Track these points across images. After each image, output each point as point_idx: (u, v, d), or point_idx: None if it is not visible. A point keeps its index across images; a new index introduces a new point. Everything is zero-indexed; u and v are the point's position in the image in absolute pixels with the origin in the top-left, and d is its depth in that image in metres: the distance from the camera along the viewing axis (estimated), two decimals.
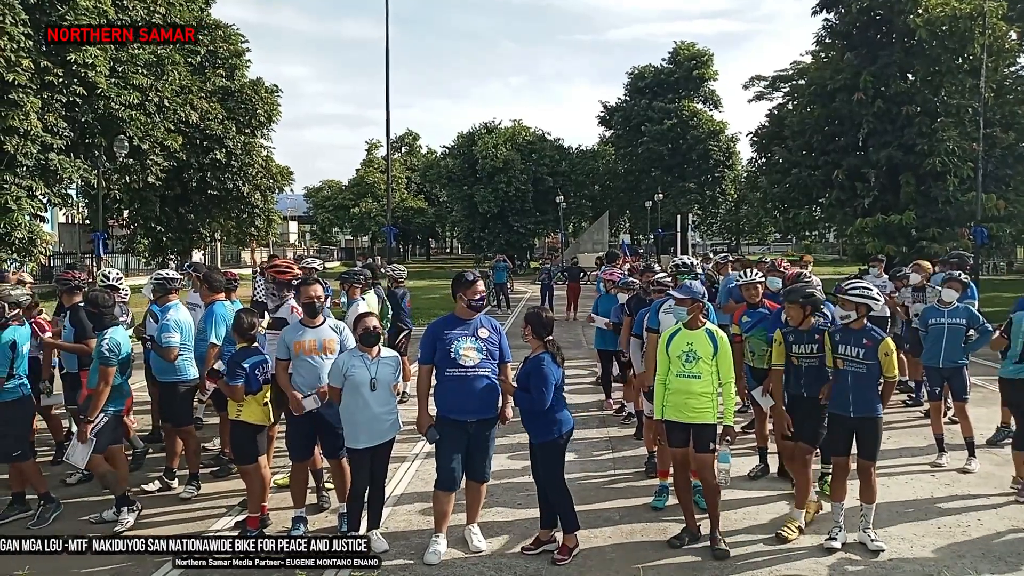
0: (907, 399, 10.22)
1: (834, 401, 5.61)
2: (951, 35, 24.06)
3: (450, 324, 5.45)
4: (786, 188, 28.47)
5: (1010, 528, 5.87)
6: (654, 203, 48.04)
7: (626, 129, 53.45)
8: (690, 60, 52.84)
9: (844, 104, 25.54)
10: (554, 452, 5.46)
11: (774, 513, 6.24)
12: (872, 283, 11.14)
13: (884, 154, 24.58)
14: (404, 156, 75.18)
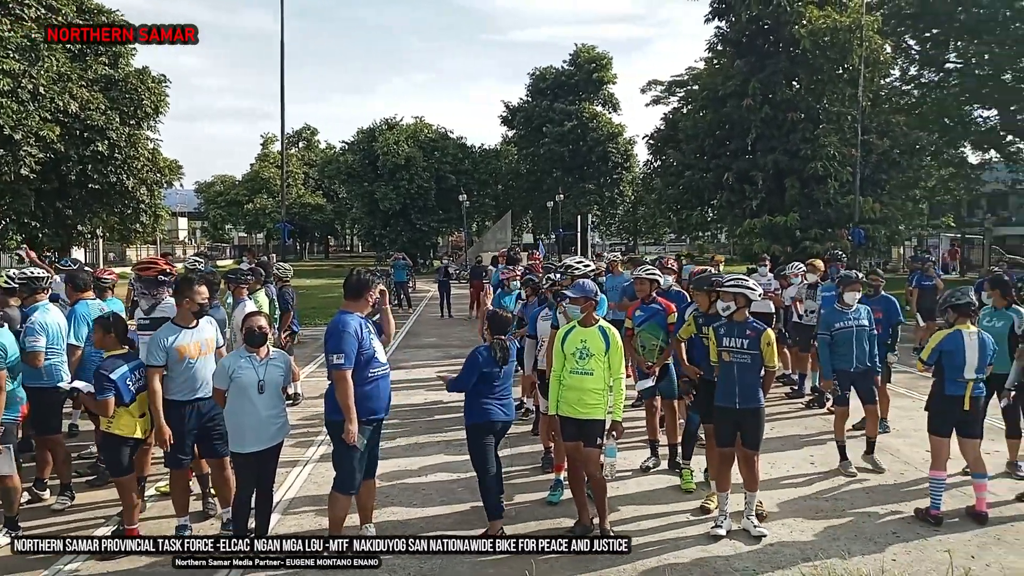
0: (790, 391, 10.72)
1: (720, 393, 5.81)
2: (832, 46, 25.45)
3: (360, 323, 5.27)
4: (679, 190, 29.43)
5: (881, 511, 6.23)
6: (555, 203, 48.67)
7: (528, 129, 53.90)
8: (590, 63, 53.77)
9: (734, 110, 26.60)
10: (476, 435, 5.71)
11: (664, 504, 6.41)
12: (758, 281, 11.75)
13: (771, 158, 25.76)
14: (302, 151, 73.27)
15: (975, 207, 49.99)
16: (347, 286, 5.36)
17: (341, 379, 5.05)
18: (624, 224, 63.21)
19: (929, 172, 33.19)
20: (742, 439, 5.74)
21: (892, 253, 43.91)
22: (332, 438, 5.33)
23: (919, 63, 37.31)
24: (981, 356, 5.90)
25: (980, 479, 6.04)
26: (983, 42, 33.01)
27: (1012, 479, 6.86)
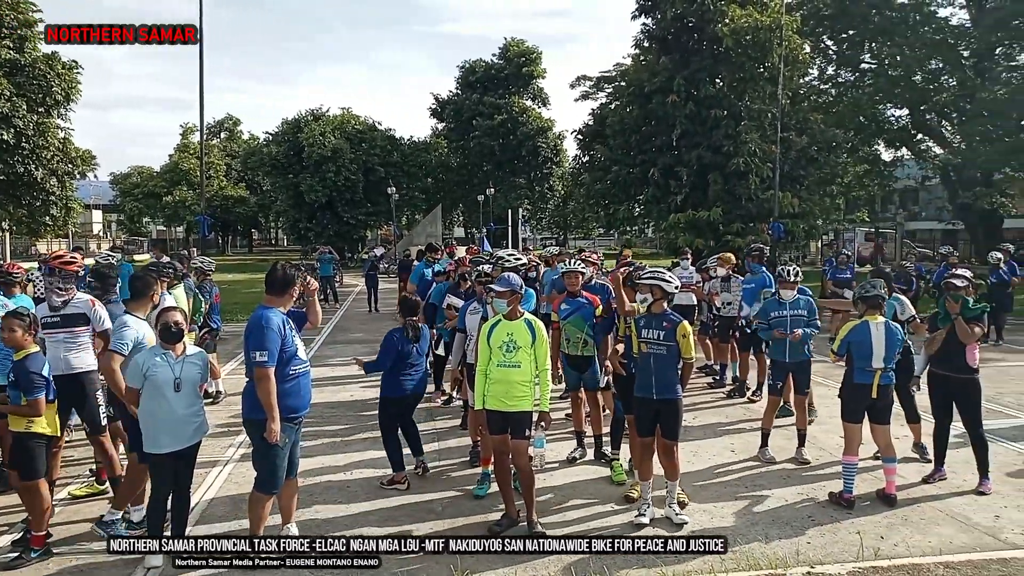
0: (712, 380, 10.99)
1: (639, 384, 5.90)
2: (754, 45, 26.08)
3: (282, 320, 5.14)
4: (607, 185, 29.71)
5: (797, 497, 6.44)
6: (486, 197, 48.65)
7: (458, 122, 53.67)
8: (519, 57, 53.87)
9: (659, 106, 26.98)
10: (386, 406, 6.70)
11: (590, 495, 6.48)
12: (680, 275, 12.00)
13: (695, 154, 26.26)
14: (224, 142, 71.28)
15: (888, 203, 52.26)
16: (270, 281, 5.21)
17: (264, 377, 4.93)
18: (555, 219, 63.65)
19: (845, 169, 34.36)
20: (661, 429, 5.84)
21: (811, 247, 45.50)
22: (252, 437, 5.20)
23: (836, 63, 38.74)
24: (888, 346, 6.15)
25: (890, 463, 6.30)
26: (895, 44, 34.47)
27: (920, 462, 7.19)
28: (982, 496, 6.36)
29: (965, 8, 35.61)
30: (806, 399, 7.63)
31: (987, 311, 6.55)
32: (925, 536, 5.58)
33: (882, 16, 35.02)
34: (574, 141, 37.36)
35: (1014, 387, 10.70)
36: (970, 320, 6.32)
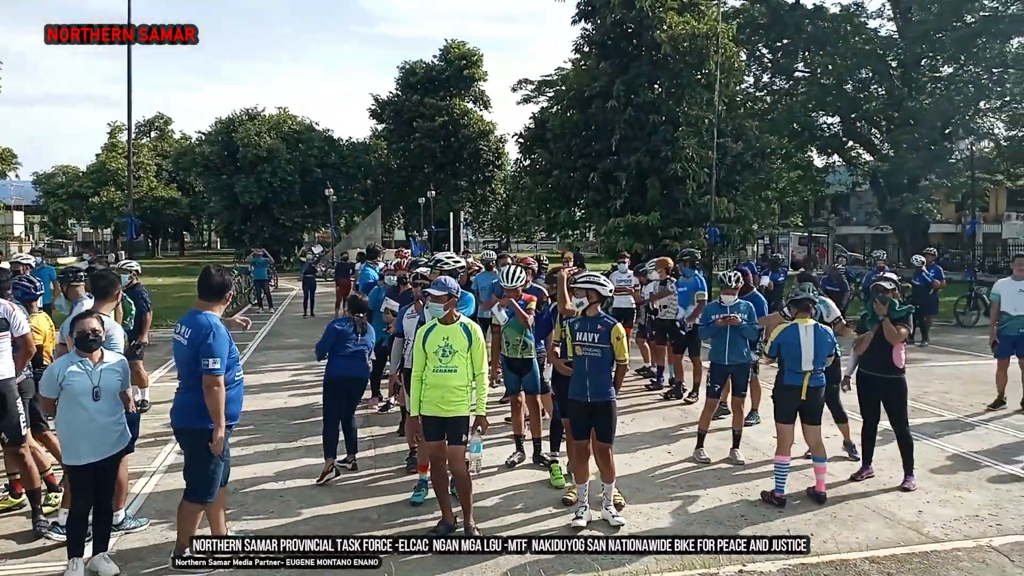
0: (649, 383, 11.09)
1: (573, 387, 5.90)
2: (691, 52, 26.56)
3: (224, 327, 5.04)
4: (548, 189, 29.86)
5: (731, 497, 6.54)
6: (427, 200, 48.36)
7: (398, 124, 53.16)
8: (461, 59, 53.69)
9: (599, 110, 27.23)
10: (328, 389, 7.05)
11: (528, 499, 6.45)
12: (619, 278, 12.09)
13: (634, 159, 26.56)
14: (154, 141, 69.15)
15: (820, 208, 53.86)
16: (206, 285, 5.04)
17: (216, 385, 4.79)
18: (497, 222, 63.68)
19: (780, 174, 35.35)
20: (596, 432, 5.85)
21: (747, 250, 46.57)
22: (188, 447, 5.03)
23: (771, 71, 39.78)
24: (817, 349, 6.29)
25: (820, 462, 6.44)
26: (827, 54, 35.58)
27: (848, 460, 7.38)
28: (907, 492, 6.55)
29: (893, 20, 37.03)
30: (742, 400, 7.75)
31: (912, 313, 6.76)
32: (853, 532, 5.71)
33: (815, 26, 36.11)
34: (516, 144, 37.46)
35: (938, 386, 11.10)
36: (896, 321, 6.51)
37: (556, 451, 7.03)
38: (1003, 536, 5.63)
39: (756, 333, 7.74)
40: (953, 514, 6.10)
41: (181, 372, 5.04)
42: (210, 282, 5.03)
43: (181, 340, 4.91)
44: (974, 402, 10.00)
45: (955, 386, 11.12)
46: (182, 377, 4.99)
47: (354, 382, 7.12)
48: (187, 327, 4.90)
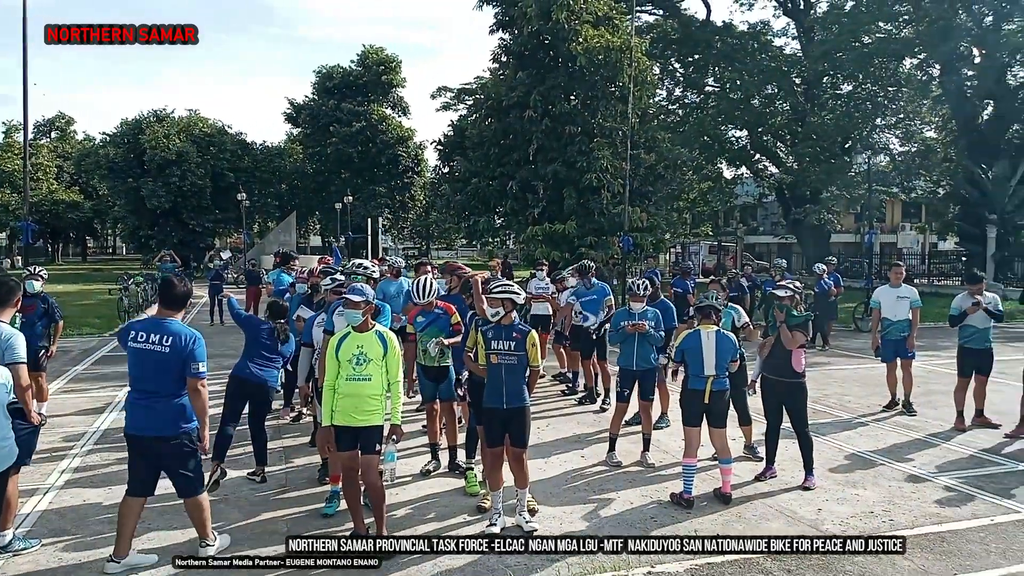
0: (565, 389, 11.22)
1: (489, 395, 5.92)
2: (605, 64, 27.13)
3: None
4: (467, 196, 29.93)
5: (642, 499, 6.67)
6: (344, 205, 47.66)
7: (314, 128, 52.30)
8: (379, 65, 53.28)
9: (517, 120, 27.50)
10: (230, 385, 7.01)
11: (443, 507, 6.43)
12: (537, 286, 12.22)
13: (551, 168, 26.93)
14: (54, 142, 65.89)
15: (729, 217, 55.80)
16: (171, 295, 5.25)
17: (203, 386, 5.13)
18: (417, 228, 63.31)
19: (691, 185, 36.46)
20: (510, 438, 5.88)
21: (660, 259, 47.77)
22: (171, 451, 5.10)
23: (683, 85, 41.06)
24: (719, 354, 6.50)
25: (726, 464, 6.66)
26: (736, 70, 36.96)
27: (752, 461, 7.65)
28: (807, 491, 6.84)
29: (797, 39, 38.77)
30: (650, 404, 7.92)
31: (810, 319, 7.06)
32: (756, 531, 5.91)
33: (724, 43, 37.47)
34: (435, 151, 37.41)
35: (836, 388, 11.63)
36: (793, 327, 6.80)
37: (472, 459, 7.04)
38: (895, 531, 5.93)
39: (662, 339, 7.94)
40: (850, 511, 6.40)
41: (155, 380, 5.04)
42: (175, 292, 5.23)
43: (160, 348, 5.00)
44: (870, 403, 10.52)
45: (853, 388, 11.68)
46: (157, 384, 5.02)
47: (258, 388, 6.97)
48: (165, 335, 5.03)
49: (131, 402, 5.17)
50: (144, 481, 5.17)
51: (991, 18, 29.70)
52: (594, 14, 27.73)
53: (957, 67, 31.01)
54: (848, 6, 33.85)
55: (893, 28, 31.92)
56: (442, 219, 43.08)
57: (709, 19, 39.26)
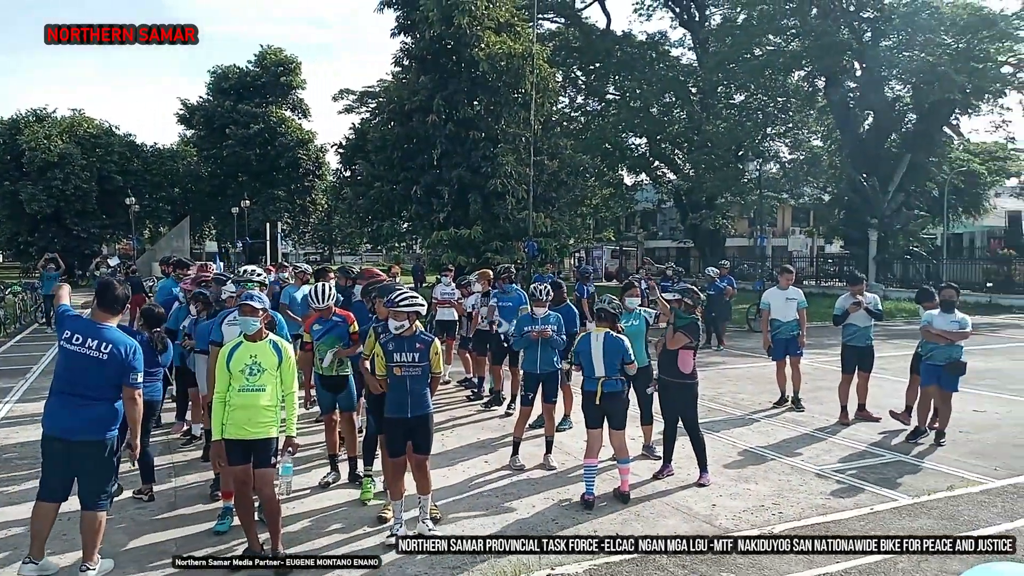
0: (470, 395, 11.19)
1: (392, 406, 5.82)
2: (508, 71, 27.35)
3: None
4: (370, 201, 29.53)
5: (544, 503, 6.71)
6: (241, 209, 46.11)
7: (209, 130, 50.32)
8: (277, 66, 51.80)
9: (420, 124, 27.35)
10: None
11: (342, 520, 6.28)
12: (442, 291, 12.17)
13: (455, 173, 26.91)
14: None
15: (631, 223, 57.22)
16: (109, 298, 5.17)
17: (138, 395, 5.17)
18: (319, 233, 61.91)
19: (594, 191, 37.14)
20: (413, 445, 5.81)
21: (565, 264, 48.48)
22: (92, 457, 5.04)
23: (585, 93, 41.86)
24: (607, 356, 6.61)
25: (624, 464, 6.78)
26: (635, 79, 37.96)
27: (650, 460, 7.82)
28: (702, 488, 7.05)
29: (693, 50, 40.17)
30: (553, 406, 7.99)
31: (696, 321, 7.27)
32: (654, 529, 6.04)
33: (624, 52, 38.46)
34: (336, 155, 36.69)
35: (730, 387, 12.06)
36: (679, 329, 7.01)
37: (369, 466, 6.92)
38: (784, 523, 6.18)
39: (564, 343, 8.04)
40: (742, 505, 6.63)
41: (87, 384, 4.97)
42: (113, 294, 5.18)
43: (97, 355, 4.97)
44: (762, 400, 10.95)
45: (746, 386, 12.14)
46: (89, 389, 4.97)
47: (149, 404, 6.48)
48: (104, 342, 5.00)
49: (56, 404, 5.04)
50: (57, 488, 5.09)
51: (870, 35, 31.59)
52: (496, 20, 27.90)
53: (841, 80, 32.82)
54: (740, 19, 35.34)
55: (782, 41, 33.48)
56: (345, 224, 42.26)
57: (609, 28, 40.23)
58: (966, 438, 8.78)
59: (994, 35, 27.92)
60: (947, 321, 8.53)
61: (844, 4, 31.06)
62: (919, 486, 7.08)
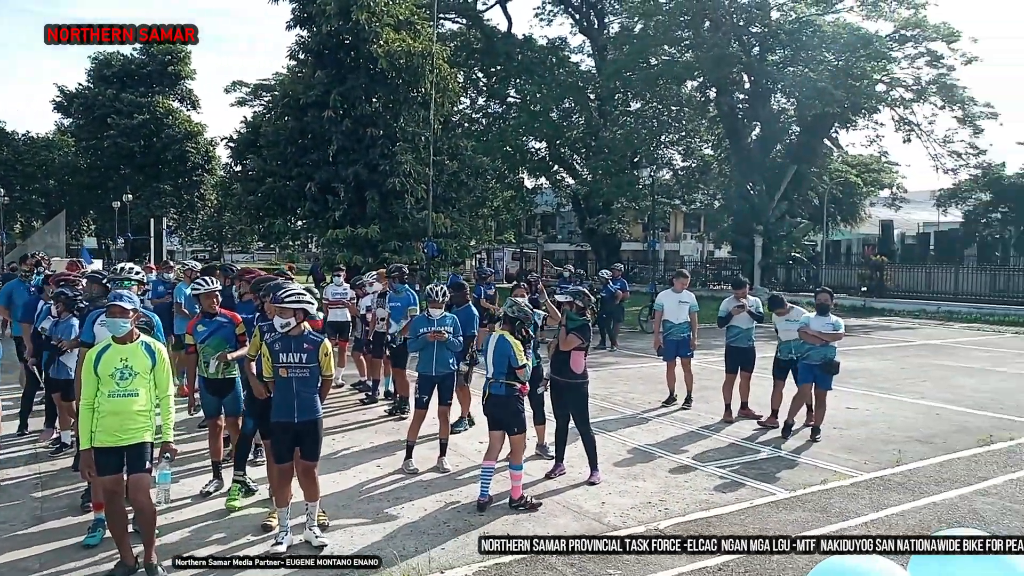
0: (364, 398, 10.99)
1: (278, 409, 5.63)
2: (407, 69, 26.99)
3: None
4: (261, 197, 28.53)
5: (436, 505, 6.65)
6: (123, 204, 43.74)
7: (89, 120, 47.58)
8: (165, 54, 49.52)
9: (315, 120, 26.60)
10: None
11: (224, 529, 6.03)
12: (334, 291, 11.91)
13: (352, 171, 26.31)
14: None
15: (531, 226, 57.79)
16: None
17: None
18: (208, 230, 59.54)
19: (495, 193, 37.28)
20: (301, 451, 5.65)
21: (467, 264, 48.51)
22: None
23: (486, 95, 41.95)
24: (496, 358, 6.65)
25: (516, 469, 6.72)
26: (535, 83, 38.33)
27: (543, 459, 7.89)
28: (593, 486, 7.16)
29: (592, 57, 40.94)
30: (448, 409, 7.92)
31: (587, 323, 7.38)
32: (545, 528, 6.09)
33: (525, 56, 38.80)
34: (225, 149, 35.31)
35: (622, 387, 12.33)
36: (571, 331, 7.11)
37: (241, 471, 6.68)
38: (669, 519, 6.35)
39: (461, 345, 8.00)
40: (630, 503, 6.77)
41: None
42: None
43: None
44: (652, 400, 11.24)
45: (638, 386, 12.44)
46: None
47: None
48: None
49: None
50: None
51: (758, 49, 33.05)
52: (395, 17, 27.51)
53: (731, 91, 34.18)
54: (637, 28, 36.25)
55: (676, 52, 34.53)
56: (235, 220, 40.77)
57: (511, 32, 40.48)
58: (839, 434, 9.29)
59: (870, 54, 29.73)
60: (822, 323, 9.01)
61: (735, 19, 32.34)
62: (795, 480, 7.43)
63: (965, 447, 8.68)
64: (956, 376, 13.65)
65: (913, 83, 31.61)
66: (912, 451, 8.51)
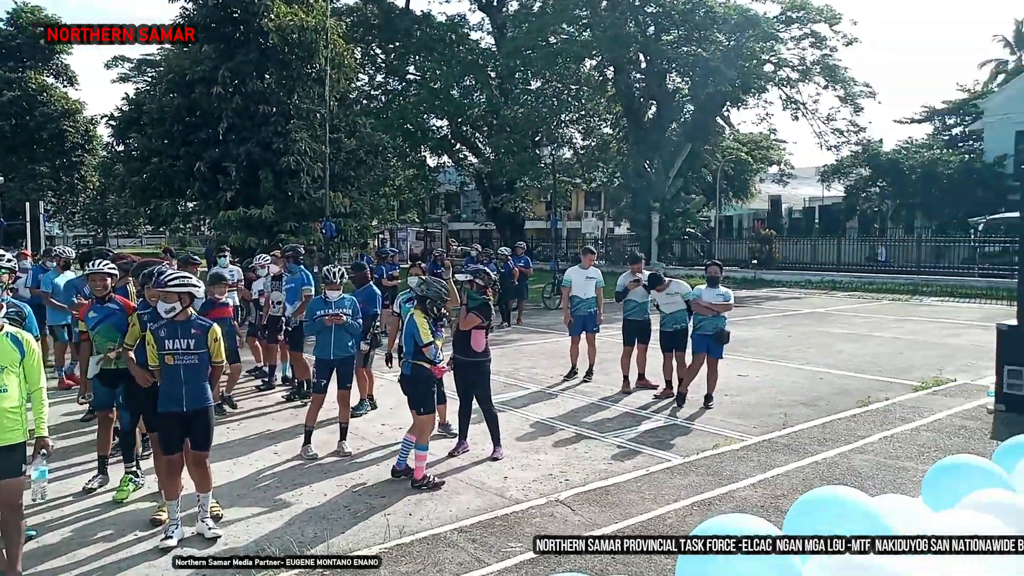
0: (260, 384, 10.67)
1: (165, 399, 5.39)
2: (300, 44, 26.12)
3: None
4: (146, 178, 27.13)
5: (337, 490, 6.53)
6: None
7: None
8: (36, 26, 46.10)
9: (204, 96, 25.42)
10: None
11: (111, 526, 5.74)
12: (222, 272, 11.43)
13: (244, 149, 25.31)
14: None
15: (435, 205, 57.37)
16: None
17: None
18: (91, 214, 56.20)
19: (396, 172, 36.69)
20: (191, 441, 5.43)
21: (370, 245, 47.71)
22: None
23: (385, 71, 41.13)
24: (406, 338, 6.69)
25: (421, 450, 6.70)
26: (435, 60, 37.87)
27: (446, 438, 7.86)
28: (496, 462, 7.20)
29: (492, 34, 40.73)
30: (348, 392, 7.77)
31: (488, 302, 7.39)
32: (447, 506, 6.09)
33: (423, 32, 38.22)
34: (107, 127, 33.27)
35: (526, 363, 12.44)
36: (472, 310, 7.13)
37: (130, 463, 6.40)
38: (569, 489, 6.45)
39: (360, 327, 7.87)
40: (532, 476, 6.85)
41: None
42: None
43: None
44: (555, 374, 11.39)
45: (541, 361, 12.58)
46: None
47: None
48: None
49: None
50: None
51: (653, 29, 33.69)
52: None
53: (628, 70, 34.76)
54: (536, 7, 36.29)
55: (575, 31, 34.79)
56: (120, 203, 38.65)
57: (409, 8, 39.76)
58: (730, 400, 9.68)
59: (758, 35, 30.80)
60: (713, 295, 9.32)
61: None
62: (689, 447, 7.69)
63: (846, 408, 9.19)
64: (838, 342, 14.43)
65: (799, 63, 33.02)
66: (797, 414, 8.95)
